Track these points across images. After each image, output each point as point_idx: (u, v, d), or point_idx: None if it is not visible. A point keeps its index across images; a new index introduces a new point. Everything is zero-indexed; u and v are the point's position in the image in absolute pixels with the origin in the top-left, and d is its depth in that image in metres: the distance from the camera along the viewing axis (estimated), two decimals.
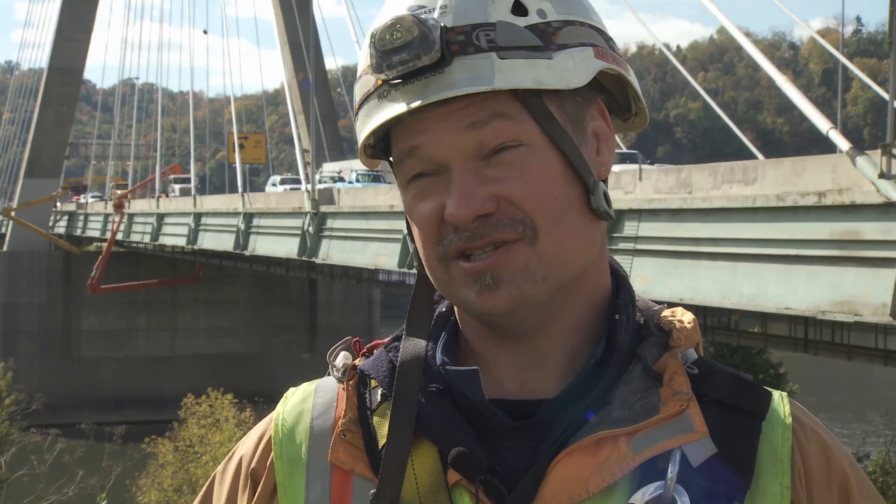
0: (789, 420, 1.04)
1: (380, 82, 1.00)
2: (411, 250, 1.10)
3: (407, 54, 0.96)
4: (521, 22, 0.98)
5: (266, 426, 1.11)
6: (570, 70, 0.99)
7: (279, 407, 1.11)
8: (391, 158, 1.06)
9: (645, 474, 0.97)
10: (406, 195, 1.03)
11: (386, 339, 1.12)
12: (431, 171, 1.00)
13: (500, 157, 0.98)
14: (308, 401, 1.10)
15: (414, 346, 1.06)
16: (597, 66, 1.01)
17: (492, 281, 0.98)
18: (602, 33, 1.04)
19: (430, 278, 1.04)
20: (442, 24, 0.97)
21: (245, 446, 1.12)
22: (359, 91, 1.03)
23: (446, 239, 0.99)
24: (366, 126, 1.02)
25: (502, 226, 0.98)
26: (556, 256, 0.99)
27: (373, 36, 0.98)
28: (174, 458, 22.38)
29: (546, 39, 0.99)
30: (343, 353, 1.11)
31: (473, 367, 1.02)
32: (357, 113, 1.04)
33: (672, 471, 0.97)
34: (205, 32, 48.66)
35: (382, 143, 1.05)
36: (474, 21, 0.97)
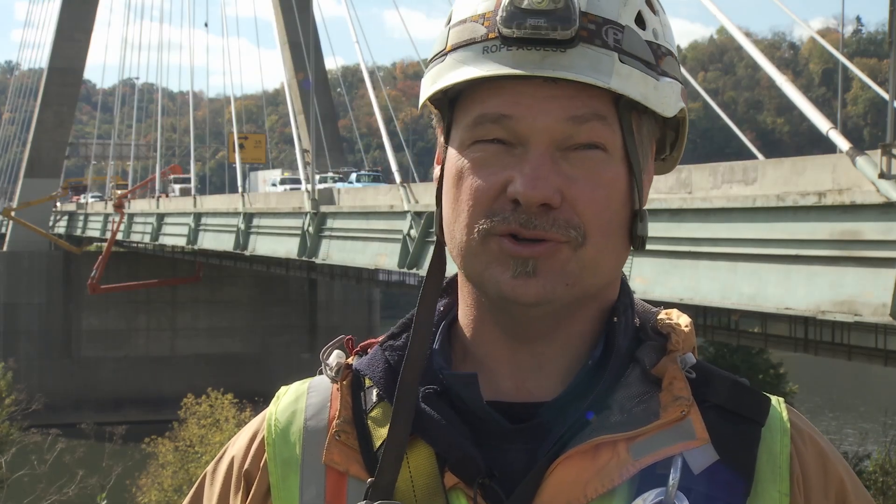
0: (787, 426, 1.04)
1: (492, 36, 0.97)
2: (435, 215, 1.07)
3: (545, 21, 0.94)
4: (641, 34, 0.99)
5: (258, 426, 1.10)
6: (668, 98, 1.00)
7: (271, 407, 1.09)
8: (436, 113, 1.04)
9: (644, 480, 0.97)
10: (464, 155, 1.00)
11: (380, 338, 1.10)
12: (506, 141, 0.98)
13: (579, 155, 0.98)
14: (301, 400, 1.08)
15: (418, 345, 1.04)
16: (680, 104, 1.02)
17: (532, 269, 0.97)
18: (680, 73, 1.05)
19: (456, 246, 1.02)
20: (578, 6, 0.96)
21: (237, 446, 1.11)
22: (456, 35, 1.00)
23: (499, 216, 0.97)
24: (456, 72, 0.99)
25: (558, 226, 0.97)
26: (592, 267, 0.99)
27: None
28: (174, 458, 22.37)
29: (656, 60, 1.00)
30: (336, 351, 1.09)
31: (472, 373, 1.01)
32: (445, 55, 1.01)
33: (674, 477, 0.96)
34: (206, 25, 48.78)
35: (451, 93, 1.02)
36: (606, 16, 0.97)
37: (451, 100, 1.03)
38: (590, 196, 0.97)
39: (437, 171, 1.08)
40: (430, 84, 1.02)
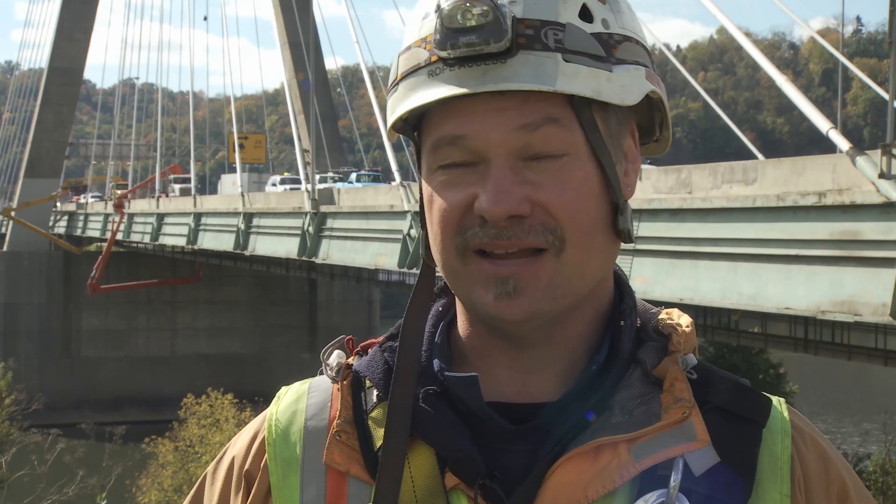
0: (788, 427, 1.03)
1: (434, 59, 0.97)
2: (421, 237, 1.07)
3: (476, 37, 0.94)
4: (587, 28, 0.97)
5: (259, 426, 1.10)
6: (626, 86, 0.98)
7: (272, 407, 1.09)
8: (414, 136, 1.04)
9: (645, 482, 0.96)
10: (431, 180, 1.00)
11: (380, 338, 1.10)
12: (467, 162, 0.98)
13: (542, 163, 0.97)
14: (302, 401, 1.08)
15: (410, 347, 1.04)
16: (646, 87, 1.01)
17: (513, 289, 0.96)
18: (649, 54, 1.03)
19: (442, 268, 1.02)
20: (512, 14, 0.95)
21: (237, 446, 1.11)
22: (404, 63, 1.00)
23: (469, 231, 0.97)
24: (407, 100, 0.99)
25: (534, 232, 0.96)
26: (578, 271, 0.98)
27: (439, 10, 0.96)
28: (174, 458, 22.36)
29: (608, 51, 0.98)
30: (336, 351, 1.09)
31: (473, 374, 1.00)
32: (397, 84, 1.00)
33: (675, 479, 0.96)
34: (205, 19, 48.76)
35: (413, 120, 1.02)
36: (544, 17, 0.96)
37: (413, 127, 1.03)
38: (559, 199, 0.96)
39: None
40: (390, 114, 1.02)
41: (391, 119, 1.02)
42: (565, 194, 0.96)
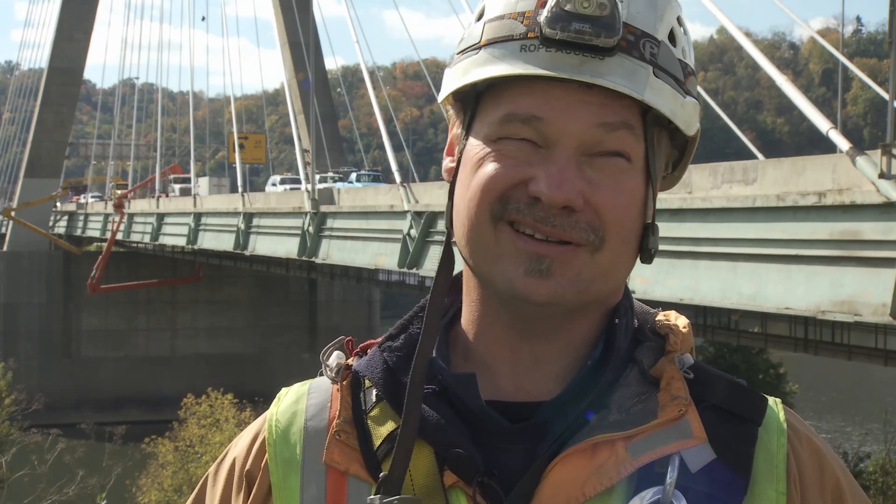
0: (784, 426, 1.04)
1: (532, 35, 0.97)
2: (446, 208, 1.06)
3: (590, 27, 0.95)
4: (673, 51, 1.00)
5: (259, 427, 1.10)
6: (691, 116, 1.01)
7: (272, 408, 1.10)
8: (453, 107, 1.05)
9: (642, 479, 0.97)
10: (489, 146, 1.00)
11: (379, 339, 1.11)
12: (533, 142, 0.99)
13: (603, 161, 0.99)
14: (301, 401, 1.09)
15: (429, 337, 1.04)
16: (698, 124, 1.04)
17: (546, 268, 0.98)
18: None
19: (467, 234, 1.01)
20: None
21: (238, 448, 1.11)
22: (492, 30, 1.00)
23: (513, 205, 0.98)
24: (491, 67, 0.99)
25: (580, 228, 0.98)
26: (604, 273, 1.00)
27: None
28: (174, 458, 22.36)
29: (684, 78, 1.01)
30: (336, 352, 1.10)
31: (471, 373, 1.01)
32: (479, 48, 1.00)
33: (671, 476, 0.97)
34: (203, 19, 48.73)
35: (481, 86, 1.02)
36: (644, 28, 0.98)
37: (477, 93, 1.03)
38: (612, 202, 0.98)
39: (445, 161, 1.08)
40: (461, 76, 1.02)
41: (464, 80, 1.01)
42: (619, 198, 0.99)
